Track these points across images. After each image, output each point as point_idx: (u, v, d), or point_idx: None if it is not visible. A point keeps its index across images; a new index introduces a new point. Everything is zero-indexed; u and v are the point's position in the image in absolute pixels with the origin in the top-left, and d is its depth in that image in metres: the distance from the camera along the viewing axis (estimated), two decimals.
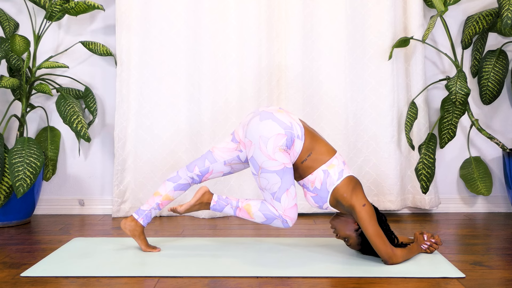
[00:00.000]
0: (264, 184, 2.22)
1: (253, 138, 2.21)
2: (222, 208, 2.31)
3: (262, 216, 2.25)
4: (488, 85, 3.21)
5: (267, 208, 2.25)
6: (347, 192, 2.20)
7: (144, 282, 2.01)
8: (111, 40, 3.35)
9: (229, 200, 2.31)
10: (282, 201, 2.22)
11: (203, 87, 3.25)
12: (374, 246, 2.15)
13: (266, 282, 2.00)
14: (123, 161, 3.26)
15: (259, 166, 2.20)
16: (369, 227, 2.14)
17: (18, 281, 2.03)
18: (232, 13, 3.22)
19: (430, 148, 3.13)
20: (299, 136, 2.22)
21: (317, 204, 2.29)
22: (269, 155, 2.17)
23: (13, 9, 3.35)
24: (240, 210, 2.29)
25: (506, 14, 2.78)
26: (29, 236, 2.78)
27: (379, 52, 3.24)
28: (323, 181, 2.22)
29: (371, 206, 2.19)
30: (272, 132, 2.18)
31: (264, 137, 2.18)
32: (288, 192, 2.22)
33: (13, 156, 2.85)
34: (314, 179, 2.24)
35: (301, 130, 2.24)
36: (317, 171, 2.23)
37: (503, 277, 2.07)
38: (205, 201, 2.32)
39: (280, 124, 2.20)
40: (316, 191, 2.25)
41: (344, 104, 3.25)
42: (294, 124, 2.23)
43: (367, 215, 2.15)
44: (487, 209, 3.39)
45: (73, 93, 3.26)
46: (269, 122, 2.20)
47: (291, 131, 2.20)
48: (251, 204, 2.28)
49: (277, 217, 2.25)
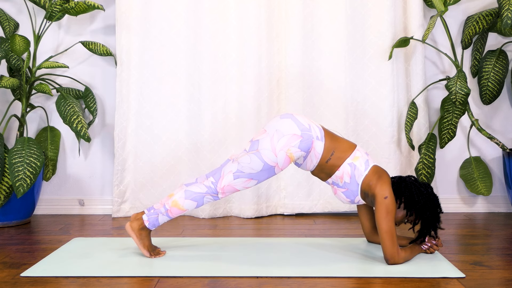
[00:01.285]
0: (243, 160, 2.22)
1: (269, 129, 2.24)
2: (156, 220, 2.29)
3: (191, 203, 2.26)
4: (488, 85, 3.22)
5: (192, 192, 2.26)
6: (372, 180, 2.21)
7: (144, 282, 2.01)
8: (111, 40, 3.35)
9: (157, 210, 2.30)
10: (235, 180, 2.23)
11: (203, 87, 3.25)
12: (382, 241, 2.15)
13: (266, 282, 2.00)
14: (123, 161, 3.26)
15: (257, 149, 2.21)
16: (383, 221, 2.14)
17: (18, 281, 2.03)
18: (232, 13, 3.22)
19: (430, 148, 3.13)
20: (318, 137, 2.24)
21: (348, 198, 2.30)
22: (274, 149, 2.19)
23: (13, 9, 3.35)
24: (171, 211, 2.28)
25: (506, 14, 2.78)
26: (29, 236, 2.78)
27: (379, 52, 3.24)
28: (352, 174, 2.24)
29: (392, 201, 2.16)
30: (289, 131, 2.21)
31: (280, 132, 2.21)
32: (248, 181, 2.24)
33: (13, 156, 2.85)
34: (342, 174, 2.25)
35: (320, 132, 2.26)
36: (343, 166, 2.24)
37: (503, 277, 2.07)
38: (139, 227, 2.30)
39: (298, 125, 2.23)
40: (346, 185, 2.27)
41: (344, 104, 3.25)
42: (312, 126, 2.26)
43: (385, 208, 2.14)
44: (487, 209, 3.39)
45: (73, 93, 3.26)
46: (288, 121, 2.24)
47: (308, 133, 2.22)
48: (176, 199, 2.27)
49: (207, 193, 2.25)
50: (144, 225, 2.30)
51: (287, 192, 3.29)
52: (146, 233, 2.32)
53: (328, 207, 3.28)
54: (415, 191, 2.23)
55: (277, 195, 3.30)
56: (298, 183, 3.27)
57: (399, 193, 2.25)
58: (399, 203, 2.25)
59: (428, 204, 2.23)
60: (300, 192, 3.28)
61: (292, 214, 3.32)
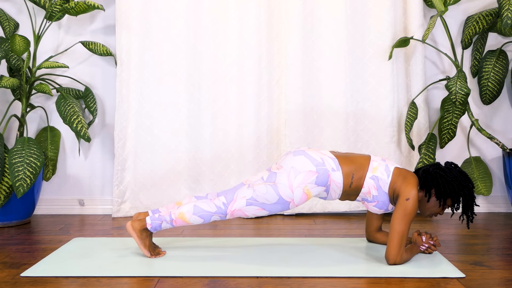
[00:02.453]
0: (259, 189, 2.22)
1: (285, 165, 2.24)
2: (159, 226, 2.29)
3: (198, 219, 2.26)
4: (488, 85, 3.22)
5: (201, 209, 2.26)
6: (397, 182, 2.22)
7: (144, 282, 2.01)
8: (111, 40, 3.35)
9: (162, 217, 2.29)
10: (247, 207, 2.24)
11: (203, 87, 3.25)
12: (390, 241, 2.15)
13: (266, 282, 2.00)
14: (123, 161, 3.26)
15: (274, 181, 2.22)
16: (399, 222, 2.14)
17: (18, 281, 2.03)
18: (232, 13, 3.23)
19: (430, 148, 3.13)
20: (334, 169, 2.24)
21: (382, 209, 2.32)
22: (291, 185, 2.20)
23: (13, 9, 3.35)
24: (176, 221, 2.28)
25: (506, 14, 2.78)
26: (29, 236, 2.78)
27: (379, 52, 3.24)
28: (377, 186, 2.25)
29: (414, 203, 2.15)
30: (305, 168, 2.21)
31: (296, 169, 2.21)
32: (260, 210, 2.25)
33: (13, 156, 2.85)
34: (368, 190, 2.26)
35: (334, 162, 2.26)
36: (366, 182, 2.25)
37: (503, 277, 2.07)
38: (140, 228, 2.30)
39: (312, 161, 2.23)
40: (375, 198, 2.27)
41: (344, 104, 3.25)
42: (325, 159, 2.25)
43: (404, 210, 2.14)
44: (487, 209, 3.39)
45: (73, 93, 3.26)
46: (301, 158, 2.24)
47: (323, 167, 2.22)
48: (183, 212, 2.27)
49: (216, 213, 2.25)
50: (146, 227, 2.30)
51: None
52: (147, 233, 2.32)
53: (328, 207, 3.28)
54: (441, 182, 2.21)
55: None
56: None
57: (427, 186, 2.24)
58: (428, 196, 2.23)
59: (458, 188, 2.20)
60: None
61: (292, 214, 3.32)
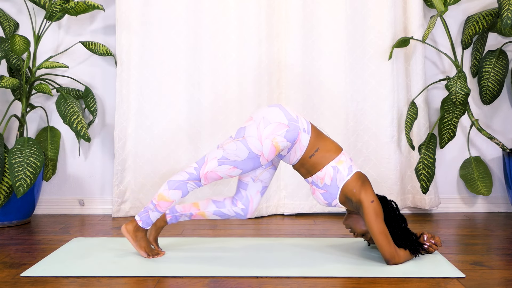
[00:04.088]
0: (229, 147, 2.20)
1: (256, 117, 2.22)
2: (148, 218, 2.29)
3: (175, 192, 2.24)
4: (488, 85, 3.22)
5: (174, 181, 2.24)
6: (356, 187, 2.20)
7: (144, 282, 2.02)
8: (111, 40, 3.35)
9: (146, 208, 2.29)
10: (219, 167, 2.20)
11: (203, 87, 3.25)
12: (378, 244, 2.15)
13: (266, 282, 2.00)
14: (123, 161, 3.26)
15: (243, 136, 2.19)
16: (374, 224, 2.14)
17: (18, 281, 2.03)
18: (232, 13, 3.22)
19: (430, 148, 3.13)
20: (305, 130, 2.22)
21: (326, 201, 2.29)
22: (260, 136, 2.17)
23: (13, 9, 3.35)
24: (159, 205, 2.27)
25: (506, 14, 2.78)
26: (29, 236, 2.78)
27: (379, 52, 3.24)
28: (333, 177, 2.22)
29: (379, 203, 2.18)
30: (276, 119, 2.19)
31: (266, 120, 2.19)
32: (233, 169, 2.21)
33: (13, 156, 2.85)
34: (323, 175, 2.23)
35: (307, 125, 2.25)
36: (327, 167, 2.23)
37: (503, 277, 2.07)
38: (133, 228, 2.31)
39: (286, 114, 2.21)
40: (325, 187, 2.25)
41: (344, 104, 3.25)
42: (300, 118, 2.24)
43: (373, 211, 2.15)
44: (487, 209, 3.39)
45: (73, 93, 3.26)
46: (275, 109, 2.22)
47: (295, 123, 2.20)
48: (161, 192, 2.25)
49: (189, 180, 2.23)
50: (138, 225, 2.30)
51: (287, 192, 3.30)
52: (142, 234, 2.32)
53: (328, 207, 3.28)
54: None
55: (277, 195, 3.30)
56: (298, 183, 3.27)
57: None
58: None
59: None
60: (300, 192, 3.28)
61: (292, 214, 3.32)
